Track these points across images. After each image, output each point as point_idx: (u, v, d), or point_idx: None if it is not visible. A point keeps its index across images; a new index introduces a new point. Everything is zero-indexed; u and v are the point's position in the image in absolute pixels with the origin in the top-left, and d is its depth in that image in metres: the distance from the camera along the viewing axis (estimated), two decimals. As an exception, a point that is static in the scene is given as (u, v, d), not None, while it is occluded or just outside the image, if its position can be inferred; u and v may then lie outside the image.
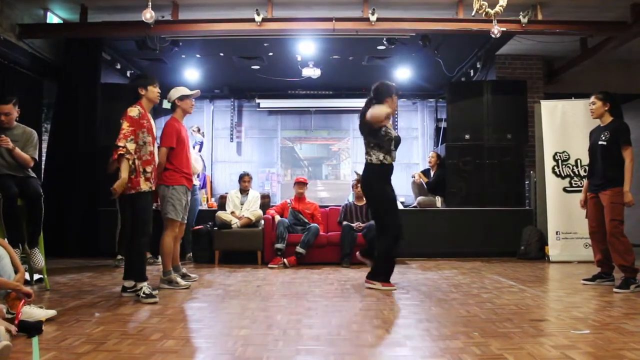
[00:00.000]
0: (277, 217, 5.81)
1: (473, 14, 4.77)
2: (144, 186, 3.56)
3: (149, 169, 3.61)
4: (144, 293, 3.43)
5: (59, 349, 2.30)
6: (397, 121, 9.68)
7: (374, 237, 4.51)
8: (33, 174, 4.03)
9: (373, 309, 3.28)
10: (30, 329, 2.51)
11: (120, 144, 3.47)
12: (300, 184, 6.09)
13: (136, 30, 5.88)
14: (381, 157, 3.95)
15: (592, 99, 4.21)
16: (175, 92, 4.26)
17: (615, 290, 3.85)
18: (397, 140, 4.02)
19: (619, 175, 3.98)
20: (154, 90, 3.75)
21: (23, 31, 5.76)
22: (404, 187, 8.95)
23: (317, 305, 3.39)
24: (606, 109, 4.14)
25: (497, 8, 4.14)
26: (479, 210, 6.54)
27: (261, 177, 10.15)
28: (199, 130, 8.76)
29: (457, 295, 3.69)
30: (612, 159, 4.02)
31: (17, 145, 3.83)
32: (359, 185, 4.87)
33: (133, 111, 3.58)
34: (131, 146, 3.49)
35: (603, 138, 4.09)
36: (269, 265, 5.43)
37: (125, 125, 3.52)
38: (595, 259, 4.25)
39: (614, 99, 4.17)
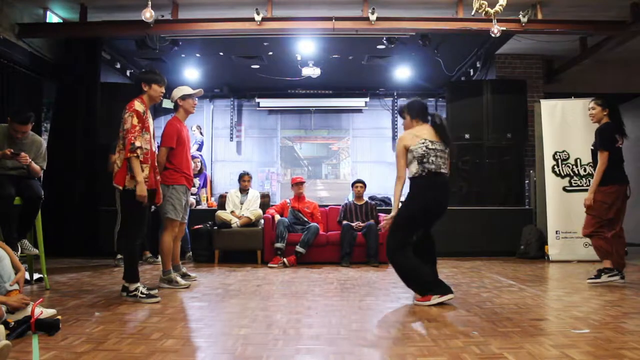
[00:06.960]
0: (277, 217, 5.81)
1: (473, 13, 4.77)
2: (129, 184, 3.42)
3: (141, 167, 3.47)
4: (142, 293, 3.40)
5: (59, 348, 2.30)
6: (396, 121, 9.68)
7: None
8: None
9: (373, 308, 3.29)
10: (49, 327, 2.51)
11: (137, 143, 3.37)
12: (298, 184, 6.08)
13: (136, 29, 5.88)
14: None
15: (591, 104, 4.32)
16: (178, 92, 4.23)
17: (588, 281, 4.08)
18: None
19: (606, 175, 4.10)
20: (157, 90, 3.62)
21: (23, 30, 5.76)
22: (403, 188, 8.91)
23: (317, 304, 3.39)
24: (605, 113, 4.24)
25: (497, 7, 4.15)
26: (479, 210, 6.55)
27: (261, 176, 10.15)
28: (199, 129, 8.78)
29: (457, 294, 3.68)
30: (597, 162, 4.19)
31: (28, 155, 3.88)
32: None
33: (139, 106, 3.48)
34: (140, 144, 3.41)
35: (593, 142, 4.26)
36: (269, 265, 5.43)
37: (134, 120, 3.41)
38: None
39: (612, 104, 4.28)
